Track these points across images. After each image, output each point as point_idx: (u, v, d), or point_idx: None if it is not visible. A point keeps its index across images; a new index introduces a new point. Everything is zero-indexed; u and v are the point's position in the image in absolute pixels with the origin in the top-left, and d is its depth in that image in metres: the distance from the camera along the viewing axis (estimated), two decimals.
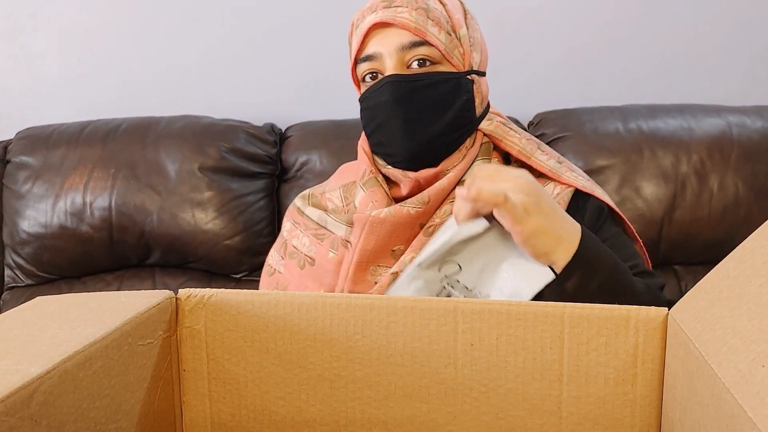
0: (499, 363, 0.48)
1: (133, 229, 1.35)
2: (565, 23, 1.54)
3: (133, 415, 0.46)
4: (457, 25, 0.79)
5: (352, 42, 0.83)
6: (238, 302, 0.50)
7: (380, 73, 0.79)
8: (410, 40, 0.76)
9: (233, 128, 1.42)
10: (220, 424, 0.52)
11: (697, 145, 1.31)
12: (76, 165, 1.37)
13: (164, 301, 0.50)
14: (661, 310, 0.46)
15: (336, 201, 0.87)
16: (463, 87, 0.79)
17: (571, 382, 0.47)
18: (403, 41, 0.76)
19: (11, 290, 1.42)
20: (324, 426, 0.51)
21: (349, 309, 0.49)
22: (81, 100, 1.61)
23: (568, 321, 0.47)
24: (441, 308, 0.48)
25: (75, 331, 0.42)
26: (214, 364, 0.51)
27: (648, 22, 1.55)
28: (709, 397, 0.38)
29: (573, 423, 0.48)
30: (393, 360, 0.49)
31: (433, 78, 0.77)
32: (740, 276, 0.40)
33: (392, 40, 0.77)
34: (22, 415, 0.34)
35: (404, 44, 0.76)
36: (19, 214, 1.38)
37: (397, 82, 0.77)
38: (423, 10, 0.77)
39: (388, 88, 0.77)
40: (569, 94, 1.51)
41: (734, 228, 1.29)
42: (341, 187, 0.88)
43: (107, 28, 1.59)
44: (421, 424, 0.50)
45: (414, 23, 0.76)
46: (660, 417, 0.47)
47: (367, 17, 0.79)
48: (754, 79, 1.56)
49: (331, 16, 1.56)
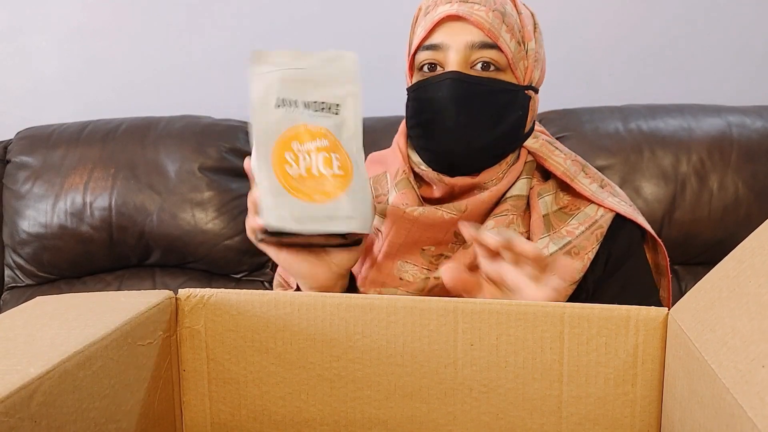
0: (499, 363, 0.48)
1: (133, 229, 1.35)
2: (565, 23, 1.54)
3: (133, 415, 0.46)
4: (527, 37, 0.77)
5: (417, 27, 0.79)
6: (238, 302, 0.50)
7: (440, 65, 0.75)
8: (481, 39, 0.73)
9: (233, 128, 1.42)
10: (220, 424, 0.52)
11: (697, 145, 1.31)
12: (76, 165, 1.37)
13: (164, 301, 0.50)
14: (661, 310, 0.46)
15: None
16: (520, 101, 0.76)
17: (571, 382, 0.47)
18: (474, 39, 0.73)
19: (11, 290, 1.42)
20: (324, 426, 0.51)
21: (349, 309, 0.49)
22: (81, 100, 1.61)
23: (568, 321, 0.47)
24: (441, 308, 0.48)
25: (75, 331, 0.42)
26: (214, 364, 0.51)
27: (648, 23, 1.55)
28: (709, 398, 0.38)
29: (573, 423, 0.48)
30: (393, 360, 0.49)
31: (496, 85, 0.74)
32: (740, 276, 0.40)
33: (462, 35, 0.74)
34: (22, 415, 0.34)
35: (474, 43, 0.73)
36: (19, 214, 1.38)
37: (459, 81, 0.73)
38: (499, 13, 0.74)
39: (448, 84, 0.73)
40: (569, 94, 1.51)
41: (734, 228, 1.28)
42: (372, 178, 0.86)
43: (107, 28, 1.59)
44: (421, 424, 0.50)
45: (489, 24, 0.73)
46: (660, 417, 0.47)
47: (440, 6, 0.76)
48: (754, 79, 1.56)
49: (332, 16, 1.56)
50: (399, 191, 0.79)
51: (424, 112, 0.76)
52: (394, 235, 0.76)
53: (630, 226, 0.79)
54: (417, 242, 0.77)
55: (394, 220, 0.76)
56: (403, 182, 0.79)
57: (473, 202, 0.76)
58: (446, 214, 0.75)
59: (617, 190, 0.83)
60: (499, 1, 0.75)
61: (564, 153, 0.81)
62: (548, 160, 0.79)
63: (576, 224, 0.77)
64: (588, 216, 0.78)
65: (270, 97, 0.64)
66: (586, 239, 0.76)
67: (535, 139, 0.80)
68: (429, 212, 0.75)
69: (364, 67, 0.68)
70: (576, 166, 0.80)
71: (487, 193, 0.76)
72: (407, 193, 0.78)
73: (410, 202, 0.78)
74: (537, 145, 0.80)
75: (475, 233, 0.60)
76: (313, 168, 0.62)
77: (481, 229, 0.60)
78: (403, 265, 0.78)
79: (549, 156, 0.80)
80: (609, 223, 0.77)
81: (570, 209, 0.79)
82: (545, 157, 0.79)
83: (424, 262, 0.77)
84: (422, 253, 0.78)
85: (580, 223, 0.77)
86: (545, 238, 0.76)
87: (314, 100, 0.65)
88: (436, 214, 0.75)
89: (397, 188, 0.79)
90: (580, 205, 0.79)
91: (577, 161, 0.81)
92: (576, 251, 0.75)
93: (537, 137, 0.80)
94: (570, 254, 0.75)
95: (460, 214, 0.75)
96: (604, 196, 0.79)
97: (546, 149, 0.80)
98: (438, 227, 0.76)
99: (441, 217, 0.75)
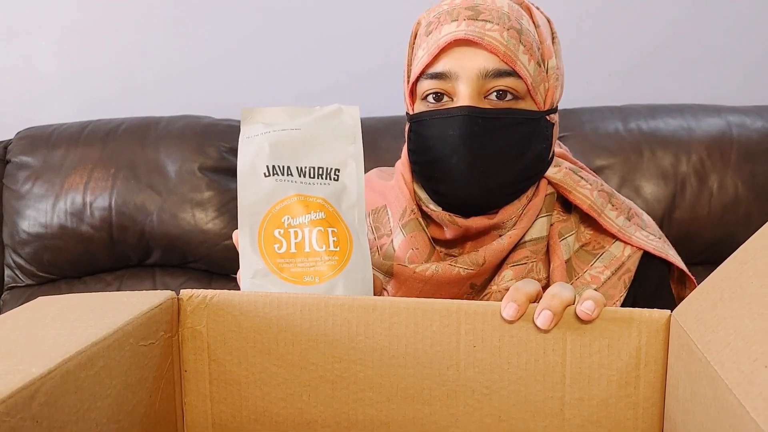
0: (502, 365, 0.48)
1: (133, 229, 1.35)
2: (565, 24, 1.54)
3: (135, 416, 0.46)
4: (547, 54, 0.68)
5: (418, 49, 0.69)
6: (240, 303, 0.50)
7: (448, 95, 0.66)
8: (496, 67, 0.63)
9: (233, 128, 1.42)
10: (221, 425, 0.52)
11: (697, 145, 1.31)
12: (76, 165, 1.37)
13: (166, 302, 0.50)
14: (663, 312, 0.46)
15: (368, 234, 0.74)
16: (542, 131, 0.67)
17: (574, 384, 0.47)
18: (488, 67, 0.63)
19: (11, 290, 1.42)
20: (325, 427, 0.50)
21: (351, 310, 0.49)
22: (81, 100, 1.61)
23: (570, 323, 0.47)
24: (444, 309, 0.48)
25: (76, 331, 0.42)
26: (215, 364, 0.51)
27: (648, 23, 1.55)
28: (711, 399, 0.38)
29: (576, 425, 0.48)
30: (395, 361, 0.49)
31: (515, 116, 0.65)
32: (742, 277, 0.40)
33: (474, 62, 0.64)
34: (23, 415, 0.34)
35: (488, 71, 0.64)
36: (19, 214, 1.38)
37: (474, 117, 0.64)
38: (516, 32, 0.64)
39: (461, 121, 0.64)
40: (569, 94, 1.50)
41: (734, 228, 1.29)
42: (370, 214, 0.77)
43: (107, 28, 1.58)
44: (423, 426, 0.50)
45: (504, 47, 0.63)
46: (663, 419, 0.47)
47: (445, 26, 0.65)
48: (754, 79, 1.56)
49: (332, 16, 1.56)
50: (407, 234, 0.70)
51: (431, 151, 0.67)
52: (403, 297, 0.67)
53: (657, 263, 0.72)
54: (429, 297, 0.69)
55: (403, 281, 0.68)
56: (412, 224, 0.70)
57: (491, 253, 0.67)
58: (463, 270, 0.66)
59: (644, 220, 0.75)
60: (515, 16, 0.65)
61: (590, 183, 0.72)
62: (573, 192, 0.71)
63: (601, 268, 0.70)
64: (614, 257, 0.70)
65: (259, 164, 0.57)
66: (612, 287, 0.69)
67: (557, 168, 0.71)
68: (443, 270, 0.66)
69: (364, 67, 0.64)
70: (603, 197, 0.72)
71: (507, 240, 0.67)
72: (417, 236, 0.70)
73: (420, 247, 0.70)
74: (560, 175, 0.71)
75: (559, 306, 0.46)
76: (306, 245, 0.55)
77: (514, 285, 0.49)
78: None
79: (574, 188, 0.71)
80: (636, 265, 0.70)
81: (593, 247, 0.72)
82: (570, 189, 0.71)
83: None
84: None
85: (605, 266, 0.70)
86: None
87: (310, 166, 0.57)
88: (452, 272, 0.66)
89: (405, 231, 0.71)
90: (604, 243, 0.72)
91: (604, 191, 0.73)
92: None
93: (559, 165, 0.72)
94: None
95: (478, 268, 0.67)
96: (631, 232, 0.72)
97: (570, 180, 0.71)
98: (453, 284, 0.67)
99: (458, 274, 0.66)
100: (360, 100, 1.54)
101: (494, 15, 0.64)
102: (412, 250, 0.69)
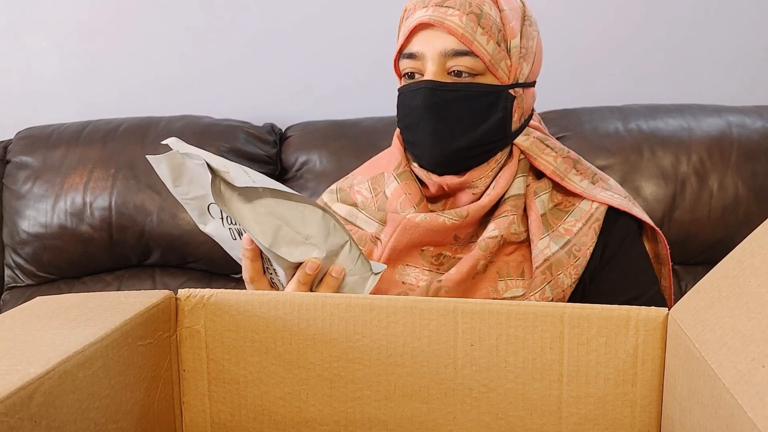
0: (499, 363, 0.48)
1: (133, 229, 1.35)
2: (565, 24, 1.54)
3: (133, 416, 0.46)
4: (510, 35, 0.76)
5: (399, 33, 0.80)
6: (238, 302, 0.50)
7: (419, 73, 0.77)
8: (454, 47, 0.73)
9: (233, 128, 1.42)
10: (219, 424, 0.52)
11: (697, 145, 1.31)
12: (76, 165, 1.37)
13: (164, 301, 0.50)
14: (661, 310, 0.46)
15: (365, 193, 0.86)
16: (500, 103, 0.76)
17: (571, 383, 0.47)
18: (447, 47, 0.73)
19: (11, 290, 1.42)
20: (324, 426, 0.51)
21: (348, 309, 0.49)
22: (81, 100, 1.61)
23: (568, 321, 0.47)
24: (441, 308, 0.48)
25: (75, 331, 0.42)
26: (213, 364, 0.51)
27: (648, 23, 1.55)
28: (708, 397, 0.38)
29: (573, 423, 0.48)
30: (393, 360, 0.49)
31: (471, 91, 0.75)
32: (740, 276, 0.40)
33: (436, 43, 0.74)
34: (21, 415, 0.34)
35: (447, 51, 0.73)
36: (19, 214, 1.38)
37: (432, 90, 0.74)
38: (475, 16, 0.73)
39: (422, 93, 0.75)
40: (569, 94, 1.51)
41: (734, 228, 1.29)
42: (369, 179, 0.87)
43: (107, 29, 1.58)
44: (421, 425, 0.50)
45: (461, 29, 0.73)
46: (660, 417, 0.47)
47: (417, 12, 0.76)
48: (754, 79, 1.56)
49: (332, 16, 1.56)
50: (401, 182, 0.80)
51: (406, 118, 0.79)
52: (395, 241, 0.77)
53: (625, 219, 0.80)
54: (417, 245, 0.78)
55: (395, 226, 0.77)
56: (405, 174, 0.80)
57: (474, 208, 0.77)
58: (448, 220, 0.76)
59: (610, 184, 0.83)
60: (476, 2, 0.74)
61: (555, 150, 0.81)
62: (537, 159, 0.79)
63: (573, 221, 0.78)
64: (583, 211, 0.79)
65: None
66: (584, 235, 0.77)
67: (526, 137, 0.80)
68: (431, 219, 0.76)
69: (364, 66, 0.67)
70: (567, 163, 0.81)
71: (487, 198, 0.77)
72: (410, 184, 0.79)
73: (412, 192, 0.79)
74: (527, 143, 0.79)
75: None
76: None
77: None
78: (404, 269, 0.78)
79: (538, 155, 0.80)
80: (604, 216, 0.78)
81: (565, 206, 0.80)
82: (535, 156, 0.79)
83: (425, 263, 0.78)
84: (422, 254, 0.78)
85: (576, 219, 0.78)
86: (545, 237, 0.76)
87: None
88: (438, 221, 0.76)
89: (400, 179, 0.80)
90: (575, 201, 0.80)
91: (569, 158, 0.81)
92: (577, 248, 0.76)
93: (528, 134, 0.80)
94: (571, 252, 0.76)
95: (462, 220, 0.76)
96: (596, 192, 0.80)
97: (536, 147, 0.80)
98: (440, 232, 0.76)
99: (443, 223, 0.76)
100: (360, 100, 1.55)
101: (458, 2, 0.74)
102: (405, 195, 0.79)
